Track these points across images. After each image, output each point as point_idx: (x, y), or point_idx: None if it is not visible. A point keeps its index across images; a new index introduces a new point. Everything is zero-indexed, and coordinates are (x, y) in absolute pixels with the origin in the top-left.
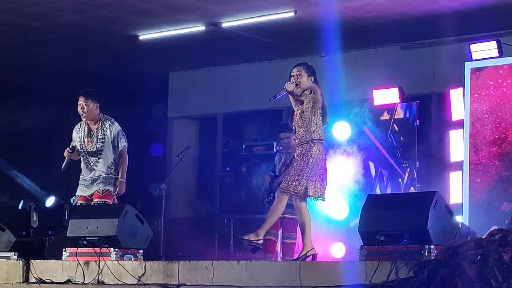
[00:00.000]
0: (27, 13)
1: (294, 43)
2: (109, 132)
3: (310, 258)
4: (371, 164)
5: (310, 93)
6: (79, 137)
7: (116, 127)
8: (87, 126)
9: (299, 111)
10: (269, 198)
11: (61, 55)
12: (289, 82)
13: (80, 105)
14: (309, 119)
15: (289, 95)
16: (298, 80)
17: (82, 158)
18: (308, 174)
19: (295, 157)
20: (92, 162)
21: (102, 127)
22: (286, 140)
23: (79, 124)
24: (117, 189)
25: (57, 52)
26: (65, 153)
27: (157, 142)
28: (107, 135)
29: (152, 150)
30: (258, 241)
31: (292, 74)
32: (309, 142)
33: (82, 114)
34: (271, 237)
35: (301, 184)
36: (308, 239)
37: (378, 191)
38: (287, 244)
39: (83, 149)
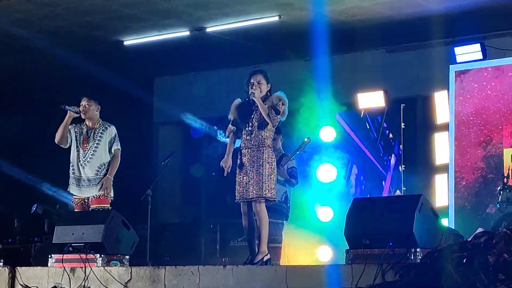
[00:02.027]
0: (10, 21)
1: (279, 48)
2: (106, 133)
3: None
4: (356, 168)
5: (282, 104)
6: (75, 132)
7: (113, 130)
8: (85, 126)
9: (268, 116)
10: None
11: (45, 61)
12: (256, 89)
13: (82, 105)
14: (269, 125)
15: (257, 101)
16: (260, 87)
17: (75, 155)
18: (275, 178)
19: (255, 160)
20: (85, 160)
21: (100, 127)
22: (273, 142)
23: (78, 124)
24: (103, 186)
25: (41, 59)
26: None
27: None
28: (104, 136)
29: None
30: (266, 256)
31: (252, 81)
32: (265, 146)
33: (83, 112)
34: None
35: (274, 188)
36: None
37: (363, 195)
38: (272, 248)
39: (77, 146)
